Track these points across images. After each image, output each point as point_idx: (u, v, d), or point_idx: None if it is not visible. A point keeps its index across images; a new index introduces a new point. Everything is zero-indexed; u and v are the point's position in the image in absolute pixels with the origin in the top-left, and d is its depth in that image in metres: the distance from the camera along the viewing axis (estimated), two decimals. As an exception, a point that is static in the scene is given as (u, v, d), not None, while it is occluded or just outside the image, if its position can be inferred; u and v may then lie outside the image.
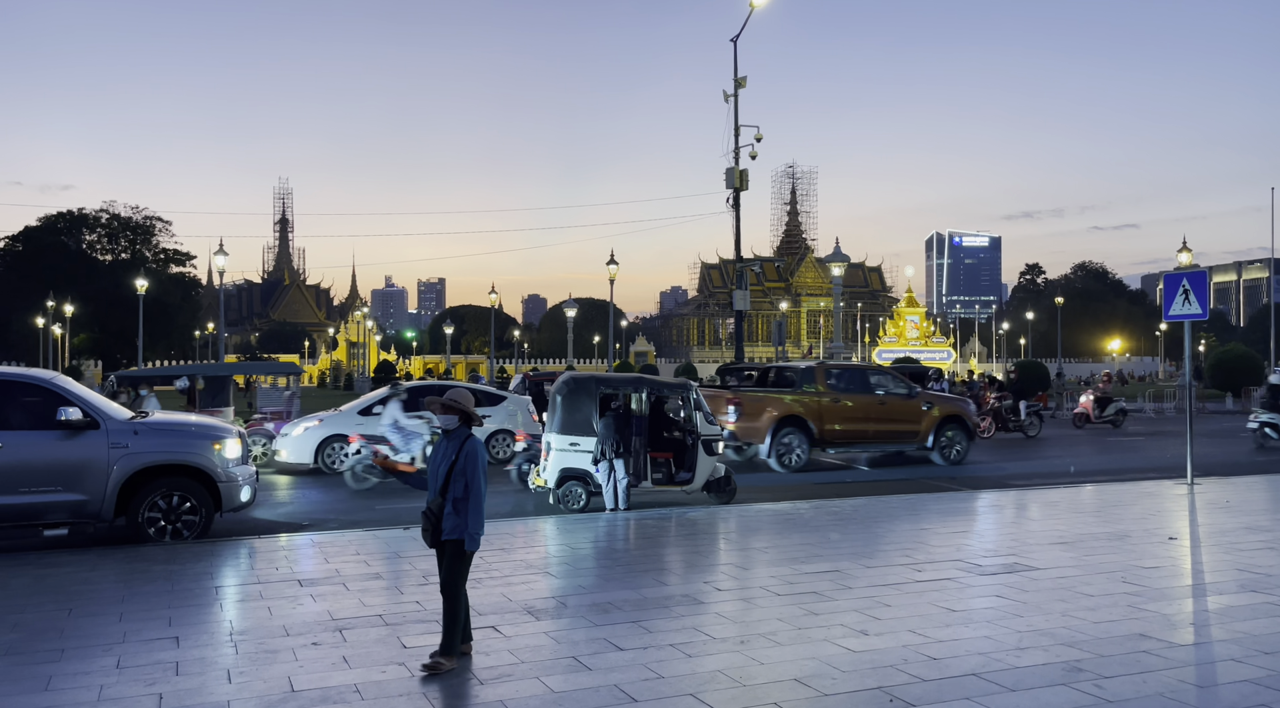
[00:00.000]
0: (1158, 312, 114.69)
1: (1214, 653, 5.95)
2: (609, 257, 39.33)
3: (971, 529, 10.61)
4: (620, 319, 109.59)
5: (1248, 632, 6.38)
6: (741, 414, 16.87)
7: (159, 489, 9.77)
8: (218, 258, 36.13)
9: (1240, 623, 6.60)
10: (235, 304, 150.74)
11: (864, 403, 17.66)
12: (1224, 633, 6.39)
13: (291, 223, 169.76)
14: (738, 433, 16.88)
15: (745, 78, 29.08)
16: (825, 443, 17.32)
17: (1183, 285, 14.13)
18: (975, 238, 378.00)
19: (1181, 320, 14.28)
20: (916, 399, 18.07)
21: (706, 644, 6.11)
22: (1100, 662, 5.70)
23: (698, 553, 9.45)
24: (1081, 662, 5.69)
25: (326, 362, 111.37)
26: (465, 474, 5.59)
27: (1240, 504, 12.02)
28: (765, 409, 16.91)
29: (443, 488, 5.61)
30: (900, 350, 78.16)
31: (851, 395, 17.65)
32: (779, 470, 16.75)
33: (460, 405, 5.70)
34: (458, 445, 5.64)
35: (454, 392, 5.80)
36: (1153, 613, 6.86)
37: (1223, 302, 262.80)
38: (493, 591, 7.59)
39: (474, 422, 5.77)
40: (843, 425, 17.39)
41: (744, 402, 16.99)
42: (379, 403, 16.20)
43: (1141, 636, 6.27)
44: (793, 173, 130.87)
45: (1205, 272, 14.95)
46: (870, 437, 17.69)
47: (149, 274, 58.99)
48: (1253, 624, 6.56)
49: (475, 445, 5.66)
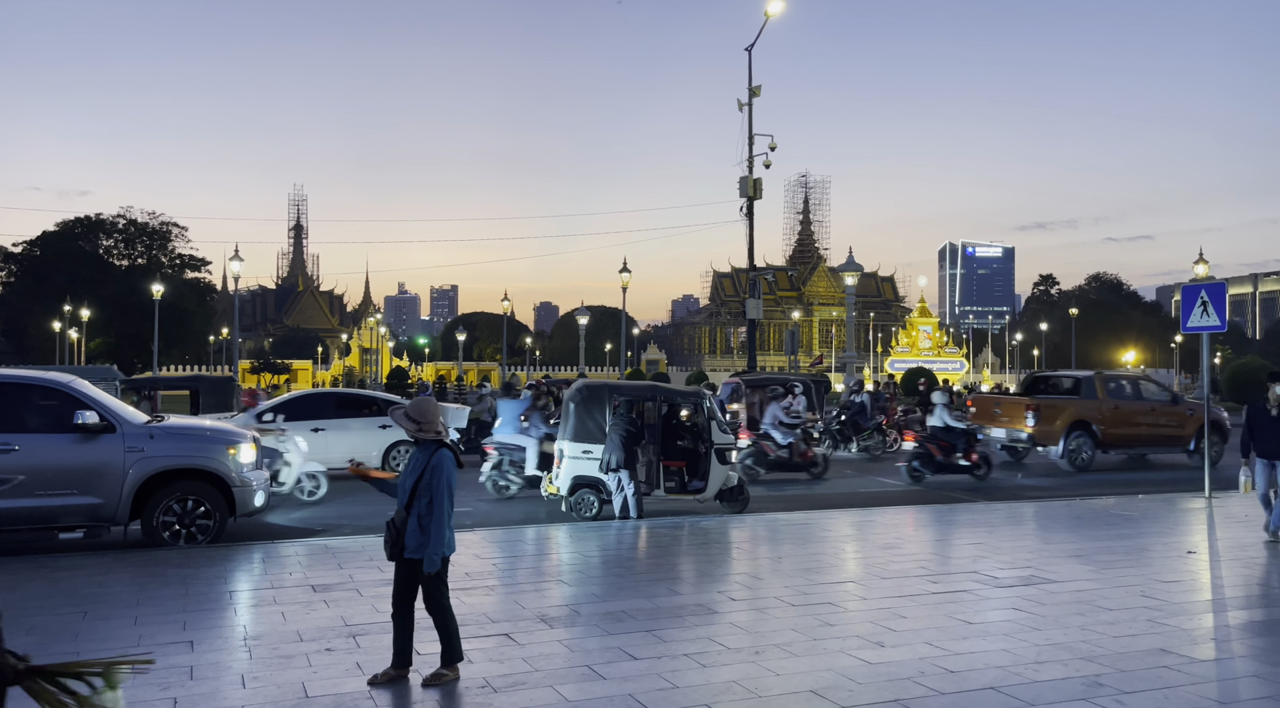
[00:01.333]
0: (1173, 323, 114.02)
1: (1235, 669, 5.88)
2: (622, 265, 39.40)
3: (987, 541, 10.53)
4: (632, 327, 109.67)
5: (1268, 648, 6.30)
6: (1039, 419, 18.44)
7: (174, 493, 9.80)
8: (233, 264, 36.36)
9: (1260, 639, 6.52)
10: (249, 310, 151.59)
11: (1138, 409, 19.23)
12: (1244, 649, 6.31)
13: (306, 229, 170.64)
14: (1036, 436, 18.48)
15: (760, 87, 29.10)
16: (1107, 446, 18.79)
17: (1201, 297, 14.02)
18: (988, 248, 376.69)
19: (1199, 332, 14.17)
20: (1181, 406, 19.55)
21: (721, 654, 6.07)
22: (1121, 677, 5.63)
23: (711, 562, 9.41)
24: (1101, 676, 5.63)
25: (339, 368, 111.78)
26: (430, 489, 5.39)
27: (1259, 518, 11.90)
28: (1059, 414, 18.44)
29: (408, 502, 5.43)
30: (913, 361, 77.90)
31: (1128, 402, 19.24)
32: (1068, 470, 18.18)
33: (414, 416, 5.45)
34: (425, 458, 5.44)
35: (418, 402, 5.56)
36: (1173, 628, 6.79)
37: (1238, 314, 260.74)
38: (506, 598, 7.57)
39: (444, 435, 5.54)
40: (1122, 429, 18.87)
41: (1041, 407, 18.56)
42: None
43: (1162, 651, 6.19)
44: (805, 182, 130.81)
45: (1223, 283, 14.84)
46: (1144, 440, 19.23)
47: (165, 279, 59.40)
48: (1272, 640, 6.48)
49: (443, 459, 5.45)
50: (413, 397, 20.36)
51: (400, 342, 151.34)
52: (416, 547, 5.40)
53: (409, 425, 5.44)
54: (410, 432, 5.45)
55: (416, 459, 5.47)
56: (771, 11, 28.51)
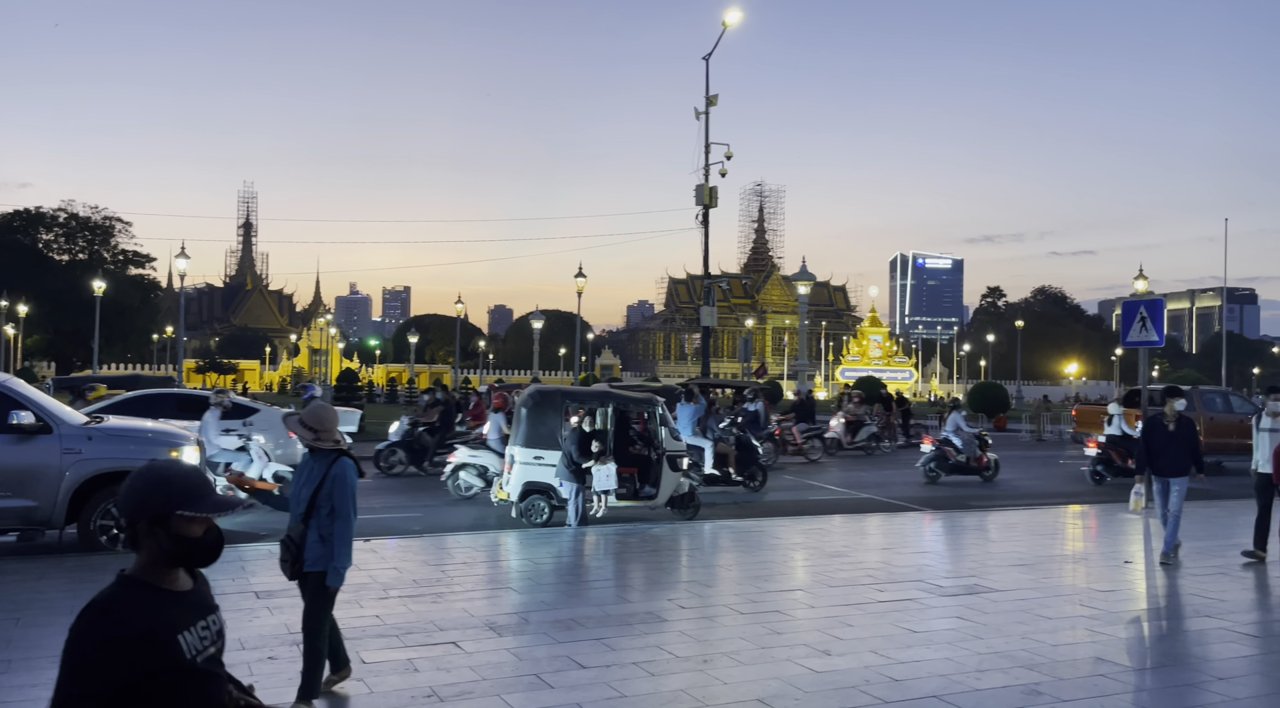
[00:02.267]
0: (1114, 337, 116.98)
1: (1170, 678, 6.04)
2: (577, 269, 39.33)
3: (933, 549, 10.70)
4: (587, 332, 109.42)
5: (1202, 656, 6.48)
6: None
7: (111, 496, 9.55)
8: (179, 261, 35.54)
9: (1194, 648, 6.70)
10: (195, 308, 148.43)
11: (1229, 422, 20.85)
12: (1178, 658, 6.49)
13: (255, 227, 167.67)
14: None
15: (716, 96, 29.30)
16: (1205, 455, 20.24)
17: (1140, 313, 14.41)
18: (938, 260, 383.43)
19: (1138, 347, 14.56)
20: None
21: (670, 663, 6.08)
22: (1058, 685, 5.76)
23: (661, 570, 9.43)
24: (1040, 684, 5.75)
25: (288, 368, 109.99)
26: (332, 500, 5.00)
27: (1194, 530, 12.25)
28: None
29: (306, 514, 5.01)
30: (863, 369, 78.83)
31: (1221, 415, 20.98)
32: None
33: (311, 424, 5.06)
34: (325, 467, 5.02)
35: (314, 409, 5.16)
36: (1109, 636, 6.95)
37: (1176, 329, 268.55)
38: (454, 606, 7.50)
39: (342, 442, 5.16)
40: (1216, 440, 20.12)
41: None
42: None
43: (1099, 659, 6.34)
44: (761, 191, 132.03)
45: (1162, 300, 15.28)
46: (1234, 449, 20.18)
47: (107, 275, 57.86)
48: (1206, 649, 6.67)
49: (345, 468, 5.05)
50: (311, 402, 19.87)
51: (351, 343, 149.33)
52: (317, 560, 5.01)
53: (305, 434, 5.04)
54: (307, 440, 5.05)
55: (313, 469, 5.05)
56: (729, 21, 28.74)
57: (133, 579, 2.21)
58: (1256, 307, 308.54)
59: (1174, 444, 9.78)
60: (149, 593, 2.19)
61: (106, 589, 2.18)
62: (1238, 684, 5.88)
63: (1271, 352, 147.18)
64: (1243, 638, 6.97)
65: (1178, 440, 9.79)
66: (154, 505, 2.21)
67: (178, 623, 2.19)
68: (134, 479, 2.26)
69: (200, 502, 2.24)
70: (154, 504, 2.21)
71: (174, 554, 2.23)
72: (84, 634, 2.08)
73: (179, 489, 2.24)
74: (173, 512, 2.21)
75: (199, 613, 2.28)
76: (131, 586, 2.20)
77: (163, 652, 2.13)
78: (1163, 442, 9.84)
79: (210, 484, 2.33)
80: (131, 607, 2.14)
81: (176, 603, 2.23)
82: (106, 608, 2.12)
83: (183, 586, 2.29)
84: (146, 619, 2.14)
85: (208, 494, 2.28)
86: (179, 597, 2.25)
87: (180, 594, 2.26)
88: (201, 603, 2.31)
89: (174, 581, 2.26)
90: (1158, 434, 9.89)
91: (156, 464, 2.31)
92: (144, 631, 2.12)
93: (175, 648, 2.16)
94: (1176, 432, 9.83)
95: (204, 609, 2.31)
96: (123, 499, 2.24)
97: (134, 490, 2.23)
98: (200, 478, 2.30)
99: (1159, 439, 9.87)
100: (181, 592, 2.27)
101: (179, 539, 2.22)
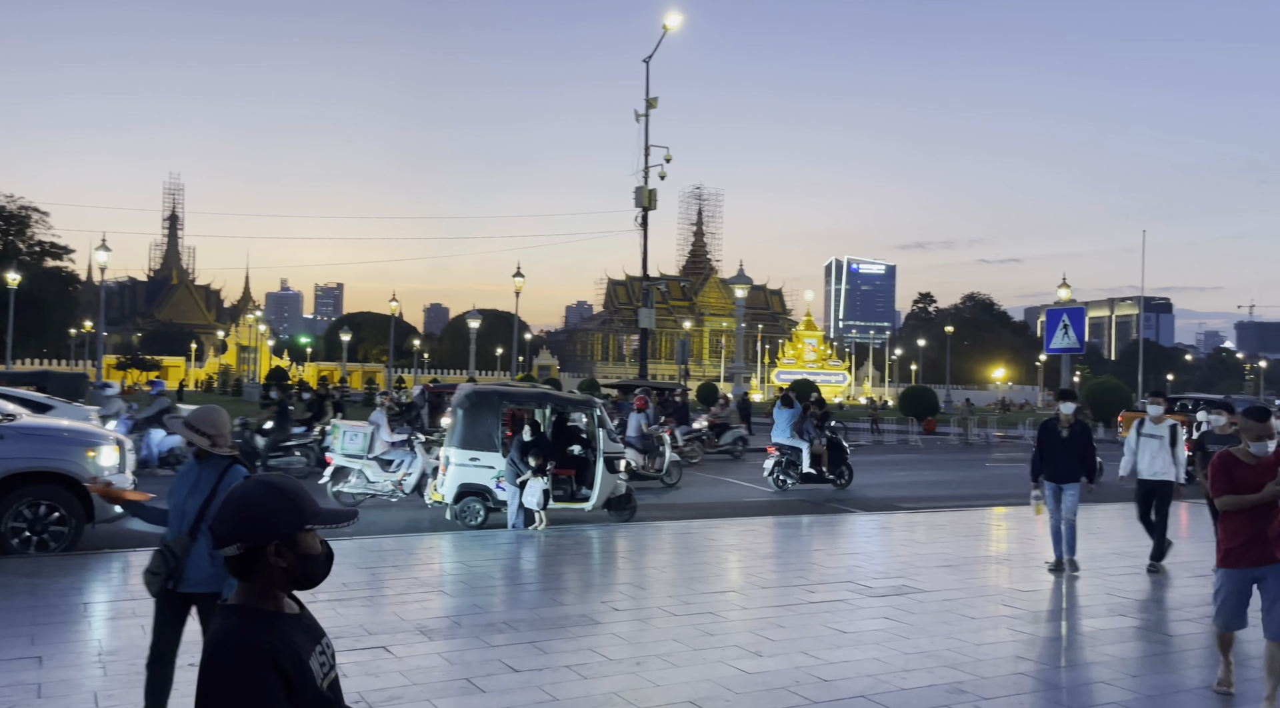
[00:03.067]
0: (1038, 343, 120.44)
1: (1086, 676, 6.24)
2: (515, 269, 39.08)
3: (864, 550, 10.88)
4: (525, 332, 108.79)
5: (1116, 655, 6.71)
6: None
7: (25, 497, 9.18)
8: (99, 253, 34.34)
9: (1109, 646, 6.94)
10: (117, 302, 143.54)
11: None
12: (1094, 656, 6.70)
13: (182, 220, 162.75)
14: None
15: (656, 98, 29.43)
16: None
17: (1063, 320, 14.91)
18: (872, 265, 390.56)
19: (1061, 353, 15.04)
20: None
21: (602, 666, 6.08)
22: (981, 683, 5.90)
23: (596, 572, 9.42)
24: (963, 683, 5.89)
25: (215, 366, 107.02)
26: None
27: (1109, 531, 12.68)
28: None
29: (194, 527, 4.48)
30: (798, 372, 79.91)
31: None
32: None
33: (205, 429, 4.59)
34: (216, 476, 4.54)
35: (207, 412, 4.68)
36: (1030, 635, 7.16)
37: (1096, 336, 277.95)
38: (384, 609, 7.39)
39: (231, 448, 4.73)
40: None
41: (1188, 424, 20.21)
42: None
43: (1019, 658, 6.52)
44: (699, 194, 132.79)
45: (1083, 308, 15.82)
46: None
47: (21, 267, 55.66)
48: (1121, 648, 6.91)
49: (240, 477, 4.57)
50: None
51: (281, 340, 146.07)
52: (206, 579, 4.46)
53: (200, 439, 4.56)
54: (203, 446, 4.57)
55: (201, 477, 4.55)
56: (670, 25, 28.88)
57: (253, 609, 2.00)
58: (1172, 315, 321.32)
59: (1066, 450, 9.48)
60: (275, 620, 2.01)
61: (228, 626, 1.96)
62: (1147, 682, 6.10)
63: (1185, 359, 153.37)
64: (1155, 637, 7.24)
65: (1070, 446, 9.49)
66: (287, 524, 2.00)
67: (304, 649, 2.02)
68: (257, 497, 2.02)
69: (324, 514, 2.05)
70: (287, 522, 2.00)
71: (299, 575, 2.03)
72: (234, 680, 1.88)
73: (304, 502, 2.04)
74: (303, 527, 2.02)
75: (314, 636, 2.11)
76: (257, 616, 1.99)
77: (306, 681, 1.97)
78: (1054, 447, 9.54)
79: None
80: (269, 638, 1.95)
81: (295, 628, 2.05)
82: (246, 645, 1.92)
83: (292, 609, 2.10)
84: (289, 649, 1.96)
85: (319, 505, 2.08)
86: (294, 621, 2.07)
87: (294, 618, 2.07)
88: (314, 626, 2.13)
89: (286, 604, 2.07)
90: (1052, 439, 9.58)
91: (270, 479, 2.07)
92: (293, 661, 1.95)
93: (311, 676, 2.00)
94: (1070, 438, 9.51)
95: (317, 632, 2.13)
96: (245, 522, 1.99)
97: (261, 509, 2.00)
98: (304, 487, 2.10)
99: (1051, 445, 9.56)
100: (295, 615, 2.08)
101: (305, 558, 2.03)
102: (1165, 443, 9.94)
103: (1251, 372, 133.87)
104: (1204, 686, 6.00)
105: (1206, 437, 10.14)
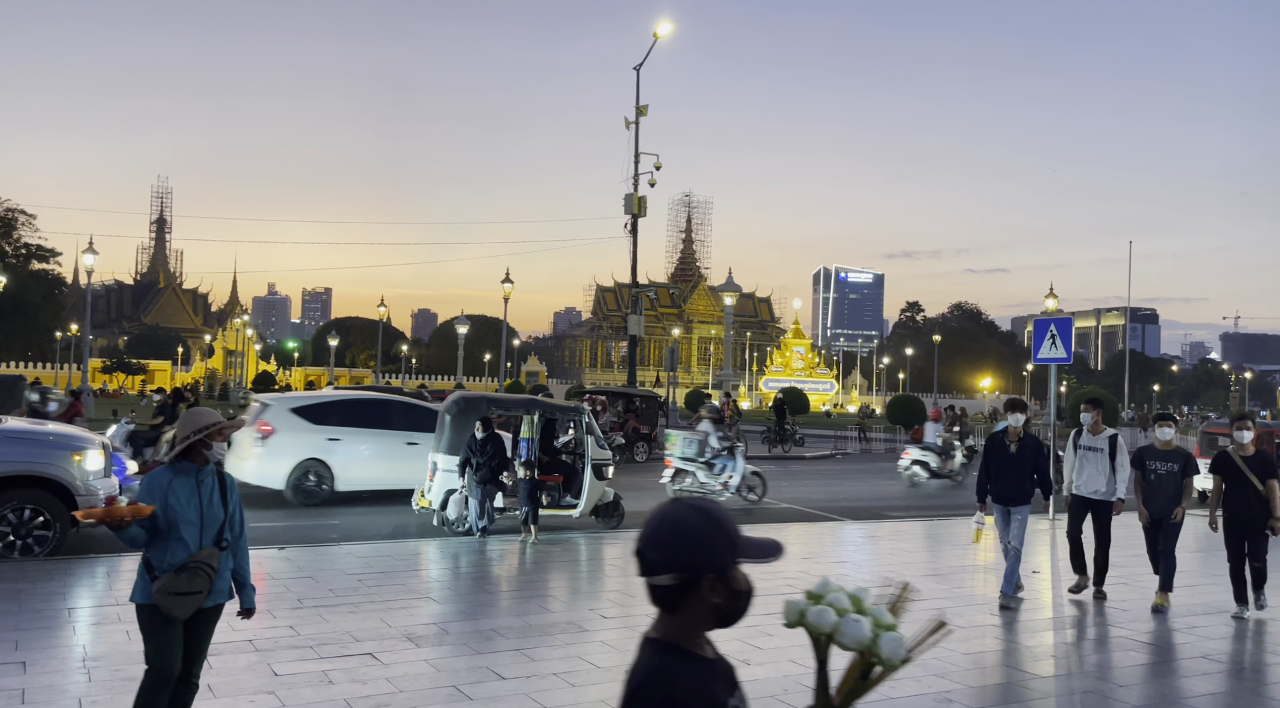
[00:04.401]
0: (1025, 352, 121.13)
1: (1073, 685, 6.26)
2: (504, 275, 39.01)
3: (850, 559, 10.89)
4: (513, 338, 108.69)
5: (1104, 664, 6.74)
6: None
7: (9, 501, 9.10)
8: (86, 256, 34.14)
9: (1097, 655, 6.96)
10: (103, 305, 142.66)
11: None
12: (1080, 665, 6.73)
13: (169, 224, 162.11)
14: None
15: (647, 106, 29.50)
16: None
17: (1050, 330, 14.97)
18: (860, 274, 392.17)
19: (1048, 363, 15.11)
20: None
21: (590, 674, 6.06)
22: (969, 693, 5.91)
23: (584, 579, 9.40)
24: (951, 693, 5.89)
25: (202, 369, 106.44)
26: (240, 516, 4.43)
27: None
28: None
29: (218, 536, 4.25)
30: (786, 380, 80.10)
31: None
32: None
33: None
34: (214, 480, 4.31)
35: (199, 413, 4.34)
36: (1017, 644, 7.18)
37: (1083, 346, 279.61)
38: (372, 616, 7.35)
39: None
40: None
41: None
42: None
43: (1008, 667, 6.54)
44: (689, 202, 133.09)
45: (1070, 319, 15.90)
46: None
47: (8, 270, 55.34)
48: (1109, 656, 6.93)
49: (234, 481, 4.53)
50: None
51: (269, 345, 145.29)
52: (226, 590, 4.35)
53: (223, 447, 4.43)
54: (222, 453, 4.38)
55: (206, 482, 4.25)
56: (660, 33, 28.97)
57: (678, 648, 1.79)
58: (1158, 326, 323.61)
59: (1015, 467, 8.41)
60: (697, 664, 1.79)
61: (657, 665, 1.76)
62: (1135, 692, 6.13)
63: (1171, 370, 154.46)
64: (1142, 647, 7.27)
65: (1019, 463, 8.42)
66: (723, 555, 1.80)
67: (721, 700, 1.81)
68: (694, 523, 1.80)
69: (753, 546, 1.85)
70: (722, 553, 1.80)
71: (727, 612, 1.82)
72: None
73: (736, 532, 1.83)
74: (736, 560, 1.82)
75: (730, 685, 1.88)
76: (686, 658, 1.78)
77: None
78: (1002, 464, 8.46)
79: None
80: (694, 682, 1.75)
81: (715, 675, 1.83)
82: (672, 687, 1.73)
83: (710, 652, 1.87)
84: (711, 698, 1.77)
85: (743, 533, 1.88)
86: (713, 666, 1.85)
87: (714, 663, 1.86)
88: (729, 671, 1.90)
89: (705, 645, 1.86)
90: (999, 455, 8.49)
91: (701, 504, 1.84)
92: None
93: None
94: (1019, 453, 8.42)
95: (732, 680, 1.90)
96: (683, 550, 1.77)
97: (699, 536, 1.78)
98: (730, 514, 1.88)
99: (998, 461, 8.49)
100: (714, 660, 1.87)
101: (736, 593, 1.83)
102: (1104, 456, 8.97)
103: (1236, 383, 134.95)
104: (1199, 695, 6.03)
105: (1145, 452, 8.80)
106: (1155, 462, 8.60)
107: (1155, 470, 8.58)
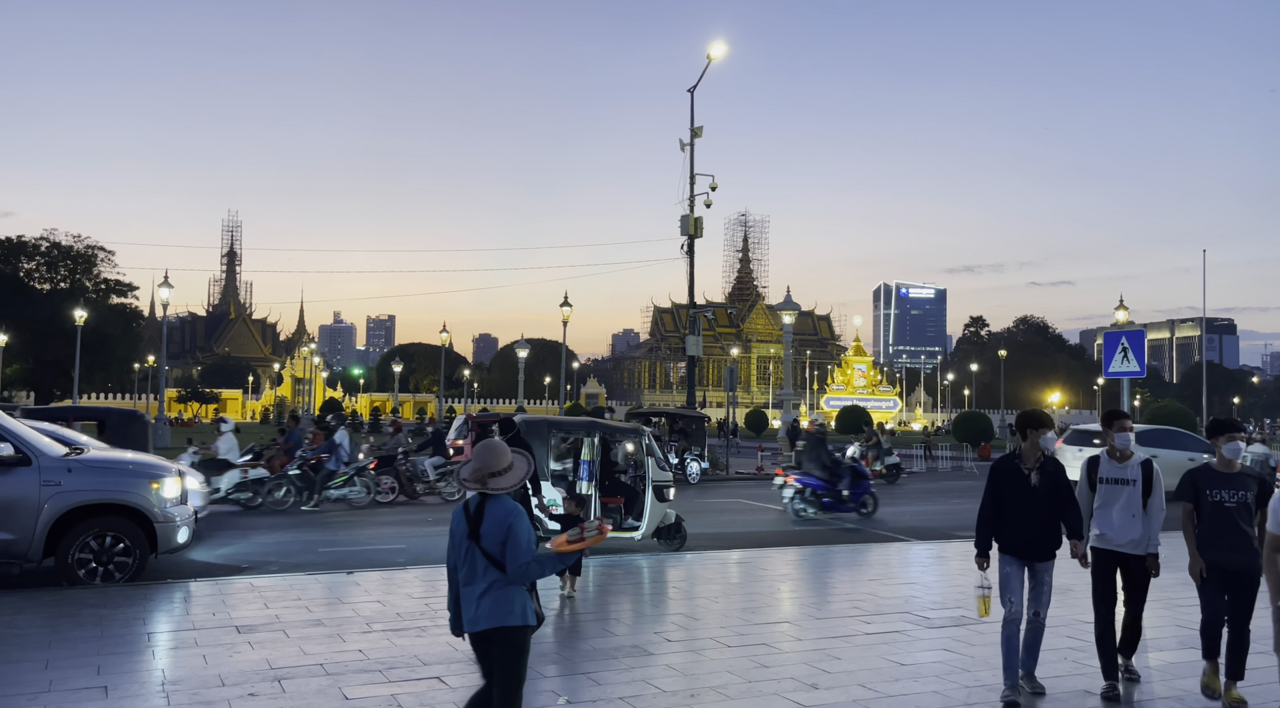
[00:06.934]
0: (1095, 366, 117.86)
1: (1156, 710, 6.02)
2: (562, 298, 39.36)
3: (919, 580, 10.67)
4: (572, 361, 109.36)
5: (1189, 689, 6.48)
6: None
7: (91, 529, 9.43)
8: (162, 290, 35.46)
9: (1180, 680, 6.70)
10: (178, 337, 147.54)
11: None
12: (1165, 689, 6.48)
13: (239, 256, 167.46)
14: None
15: (701, 127, 29.63)
16: None
17: (1122, 343, 14.57)
18: (921, 289, 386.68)
19: (1120, 377, 14.69)
20: None
21: (656, 698, 6.03)
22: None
23: (647, 602, 9.37)
24: (1028, 718, 5.71)
25: (271, 397, 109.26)
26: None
27: (1175, 559, 12.27)
28: None
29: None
30: (848, 399, 79.09)
31: None
32: None
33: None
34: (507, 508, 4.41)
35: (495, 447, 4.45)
36: (1096, 669, 6.93)
37: (1156, 359, 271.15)
38: (438, 639, 7.42)
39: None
40: None
41: None
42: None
43: (1086, 693, 6.33)
44: (745, 221, 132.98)
45: (1142, 330, 15.45)
46: None
47: (89, 304, 57.56)
48: (1193, 682, 6.66)
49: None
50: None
51: (335, 372, 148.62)
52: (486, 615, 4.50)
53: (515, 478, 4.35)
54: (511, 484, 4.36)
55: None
56: (714, 55, 29.11)
57: None
58: (1235, 337, 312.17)
59: (1038, 505, 5.95)
60: None
61: None
62: (1224, 717, 5.86)
63: (1251, 381, 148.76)
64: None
65: (1043, 499, 5.96)
66: None
67: None
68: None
69: None
70: None
71: None
72: None
73: None
74: None
75: None
76: None
77: None
78: (1018, 501, 5.98)
79: None
80: None
81: None
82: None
83: None
84: None
85: None
86: None
87: None
88: None
89: None
90: (1009, 488, 6.01)
91: None
92: None
93: None
94: (1040, 485, 5.95)
95: None
96: None
97: None
98: None
99: (1012, 497, 6.00)
100: None
101: None
102: (1137, 490, 6.29)
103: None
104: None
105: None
106: (1218, 490, 5.92)
107: (1221, 500, 5.91)
